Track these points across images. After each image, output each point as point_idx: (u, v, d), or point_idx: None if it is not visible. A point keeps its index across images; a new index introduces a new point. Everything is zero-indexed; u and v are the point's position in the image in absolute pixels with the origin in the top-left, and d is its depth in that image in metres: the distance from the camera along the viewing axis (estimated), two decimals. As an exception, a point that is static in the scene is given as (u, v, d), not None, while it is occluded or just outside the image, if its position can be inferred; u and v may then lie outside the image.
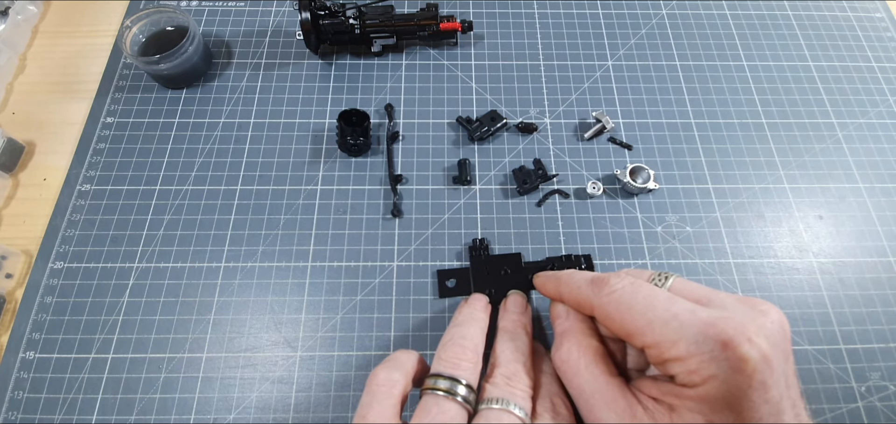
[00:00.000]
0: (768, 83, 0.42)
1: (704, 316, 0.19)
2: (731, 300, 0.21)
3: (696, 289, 0.22)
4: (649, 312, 0.20)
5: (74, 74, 0.42)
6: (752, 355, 0.18)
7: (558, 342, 0.24)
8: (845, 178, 0.38)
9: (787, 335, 0.20)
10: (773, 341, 0.19)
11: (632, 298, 0.21)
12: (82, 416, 0.30)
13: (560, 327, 0.25)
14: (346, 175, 0.37)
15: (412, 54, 0.42)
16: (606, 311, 0.22)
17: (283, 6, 0.45)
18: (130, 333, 0.32)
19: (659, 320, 0.20)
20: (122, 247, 0.34)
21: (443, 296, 0.33)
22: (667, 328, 0.20)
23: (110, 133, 0.38)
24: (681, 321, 0.20)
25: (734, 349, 0.18)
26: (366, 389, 0.23)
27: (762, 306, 0.20)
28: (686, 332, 0.19)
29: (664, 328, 0.20)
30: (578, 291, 0.24)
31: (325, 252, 0.34)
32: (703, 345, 0.19)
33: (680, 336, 0.19)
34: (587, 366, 0.22)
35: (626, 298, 0.21)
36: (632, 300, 0.21)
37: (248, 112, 0.39)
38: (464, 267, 0.34)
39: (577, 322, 0.24)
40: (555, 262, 0.33)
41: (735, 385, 0.18)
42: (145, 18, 0.40)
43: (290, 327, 0.32)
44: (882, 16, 0.46)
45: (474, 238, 0.34)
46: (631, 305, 0.21)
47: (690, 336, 0.19)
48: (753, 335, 0.19)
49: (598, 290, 0.22)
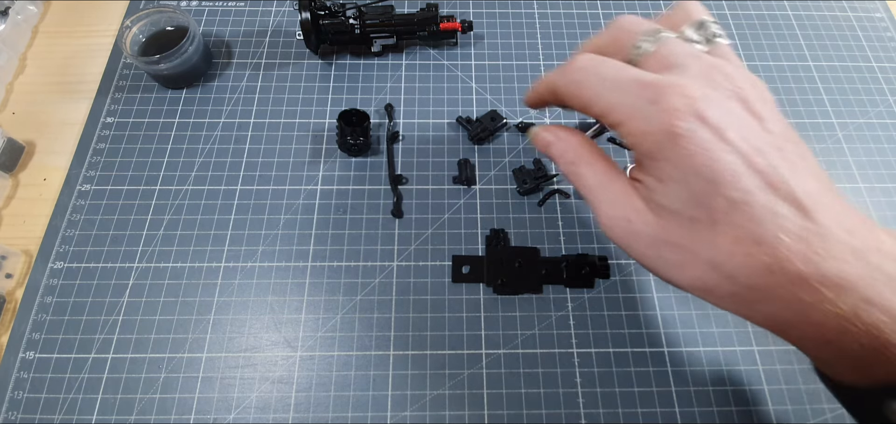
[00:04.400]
0: (768, 83, 0.41)
1: (647, 79, 0.20)
2: (698, 66, 0.20)
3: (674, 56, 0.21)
4: (596, 85, 0.21)
5: (74, 74, 0.42)
6: (675, 104, 0.18)
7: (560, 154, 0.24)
8: (845, 178, 0.38)
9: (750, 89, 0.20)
10: (714, 96, 0.19)
11: (587, 72, 0.22)
12: (82, 416, 0.30)
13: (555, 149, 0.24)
14: (346, 175, 0.37)
15: (412, 54, 0.42)
16: (567, 90, 0.22)
17: (283, 6, 0.45)
18: (130, 333, 0.32)
19: (605, 89, 0.21)
20: (122, 247, 0.34)
21: (456, 281, 0.33)
22: (611, 95, 0.20)
23: (110, 133, 0.38)
24: (622, 87, 0.20)
25: (661, 102, 0.19)
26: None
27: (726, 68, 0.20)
28: (625, 96, 0.20)
29: (609, 96, 0.20)
30: (548, 80, 0.24)
31: (325, 252, 0.34)
32: (637, 105, 0.19)
33: (619, 100, 0.20)
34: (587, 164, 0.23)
35: (581, 73, 0.22)
36: (586, 75, 0.22)
37: (248, 112, 0.39)
38: (479, 256, 0.34)
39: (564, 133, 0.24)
40: (569, 259, 0.33)
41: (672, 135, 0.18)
42: (145, 18, 0.40)
43: (290, 327, 0.32)
44: (882, 16, 0.46)
45: (493, 228, 0.35)
46: (585, 79, 0.22)
47: (628, 100, 0.20)
48: (686, 89, 0.19)
49: (562, 72, 0.23)
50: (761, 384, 0.31)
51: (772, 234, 0.17)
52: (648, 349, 0.32)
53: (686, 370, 0.31)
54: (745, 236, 0.18)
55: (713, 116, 0.18)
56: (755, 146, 0.18)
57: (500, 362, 0.31)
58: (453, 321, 0.32)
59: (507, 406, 0.30)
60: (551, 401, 0.30)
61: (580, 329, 0.32)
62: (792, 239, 0.17)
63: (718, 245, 0.18)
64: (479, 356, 0.31)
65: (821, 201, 0.18)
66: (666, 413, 0.30)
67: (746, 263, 0.18)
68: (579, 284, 0.33)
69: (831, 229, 0.17)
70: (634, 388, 0.31)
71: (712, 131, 0.18)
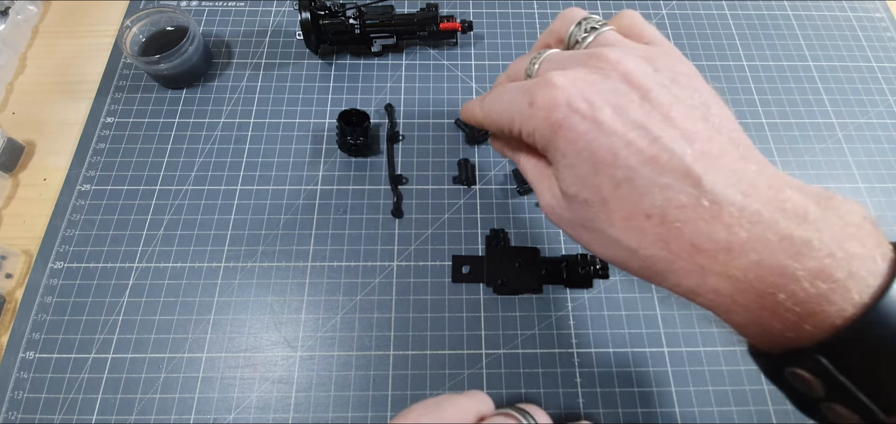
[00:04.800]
0: (768, 83, 0.42)
1: (526, 85, 0.21)
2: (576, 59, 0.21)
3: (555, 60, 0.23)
4: (498, 106, 0.23)
5: (74, 74, 0.42)
6: (546, 100, 0.20)
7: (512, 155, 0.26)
8: (845, 178, 0.38)
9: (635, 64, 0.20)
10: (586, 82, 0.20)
11: (491, 101, 0.24)
12: (82, 416, 0.30)
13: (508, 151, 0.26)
14: (346, 175, 0.37)
15: (412, 54, 0.42)
16: (485, 122, 0.25)
17: (283, 6, 0.45)
18: (130, 333, 0.32)
19: (504, 108, 0.23)
20: (122, 247, 0.34)
21: (456, 281, 0.33)
22: (507, 112, 0.22)
23: (110, 133, 0.38)
24: (512, 101, 0.22)
25: (535, 102, 0.20)
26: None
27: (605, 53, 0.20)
28: (513, 106, 0.22)
29: (507, 113, 0.22)
30: (472, 113, 0.26)
31: (325, 252, 0.34)
32: (522, 111, 0.21)
33: (511, 112, 0.22)
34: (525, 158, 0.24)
35: (488, 103, 0.24)
36: (491, 103, 0.24)
37: (248, 112, 0.39)
38: (479, 256, 0.34)
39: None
40: (569, 260, 0.33)
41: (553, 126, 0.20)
42: (145, 18, 0.40)
43: (290, 327, 0.32)
44: (882, 16, 0.46)
45: (493, 228, 0.35)
46: (491, 107, 0.24)
47: (516, 108, 0.22)
48: (552, 81, 0.20)
49: (480, 104, 0.25)
50: (761, 383, 0.31)
51: (658, 206, 0.18)
52: (648, 349, 0.32)
53: (686, 370, 0.31)
54: (634, 211, 0.18)
55: (585, 102, 0.19)
56: (634, 121, 0.19)
57: (500, 362, 0.31)
58: (453, 321, 0.32)
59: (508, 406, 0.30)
60: (551, 401, 0.30)
61: (580, 329, 0.32)
62: (679, 208, 0.17)
63: (614, 223, 0.19)
64: (479, 356, 0.31)
65: (714, 164, 0.18)
66: (666, 414, 0.30)
67: (641, 237, 0.18)
68: (579, 284, 0.33)
69: (722, 192, 0.17)
70: (634, 388, 0.31)
71: (585, 116, 0.19)
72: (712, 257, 0.17)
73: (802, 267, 0.16)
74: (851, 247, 0.16)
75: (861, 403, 0.16)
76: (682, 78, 0.20)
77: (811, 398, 0.17)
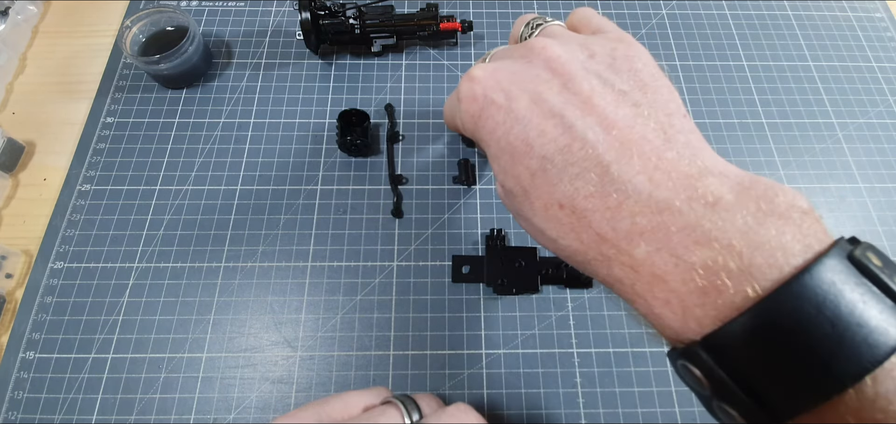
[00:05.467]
0: (768, 83, 0.42)
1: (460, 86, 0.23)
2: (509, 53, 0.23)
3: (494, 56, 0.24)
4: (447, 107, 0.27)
5: (74, 74, 0.42)
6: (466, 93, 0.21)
7: None
8: (845, 178, 0.38)
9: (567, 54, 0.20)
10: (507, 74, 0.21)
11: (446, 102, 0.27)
12: (82, 416, 0.30)
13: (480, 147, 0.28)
14: (346, 175, 0.37)
15: (412, 54, 0.42)
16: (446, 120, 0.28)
17: (283, 6, 0.45)
18: (130, 333, 0.32)
19: (448, 108, 0.26)
20: (122, 247, 0.34)
21: (456, 281, 0.33)
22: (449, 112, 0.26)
23: (110, 133, 0.38)
24: (450, 101, 0.25)
25: (460, 96, 0.22)
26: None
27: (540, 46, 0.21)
28: (450, 106, 0.25)
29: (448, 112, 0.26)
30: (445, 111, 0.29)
31: (325, 252, 0.34)
32: (455, 107, 0.23)
33: (451, 111, 0.25)
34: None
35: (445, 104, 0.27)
36: (446, 104, 0.27)
37: (248, 112, 0.39)
38: (479, 256, 0.34)
39: None
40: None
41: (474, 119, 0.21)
42: (145, 18, 0.40)
43: (290, 327, 0.32)
44: (882, 16, 0.46)
45: (492, 228, 0.35)
46: (445, 107, 0.27)
47: (452, 106, 0.24)
48: (472, 75, 0.21)
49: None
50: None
51: (569, 195, 0.18)
52: (648, 350, 0.32)
53: (686, 370, 0.31)
54: (549, 200, 0.18)
55: (501, 92, 0.20)
56: (551, 109, 0.19)
57: (500, 362, 0.31)
58: (453, 321, 0.32)
59: (507, 406, 0.30)
60: (551, 401, 0.30)
61: (580, 329, 0.32)
62: (586, 198, 0.17)
63: (536, 212, 0.19)
64: (479, 356, 0.31)
65: (627, 152, 0.17)
66: (666, 413, 0.30)
67: (557, 226, 0.18)
68: (579, 284, 0.33)
69: (630, 182, 0.17)
70: (634, 388, 0.31)
71: (500, 107, 0.20)
72: (616, 247, 0.17)
73: (698, 257, 0.15)
74: (762, 236, 0.15)
75: (742, 401, 0.14)
76: (620, 61, 0.20)
77: (703, 395, 0.16)
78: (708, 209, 0.16)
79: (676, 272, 0.15)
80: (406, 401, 0.21)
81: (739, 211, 0.15)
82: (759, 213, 0.15)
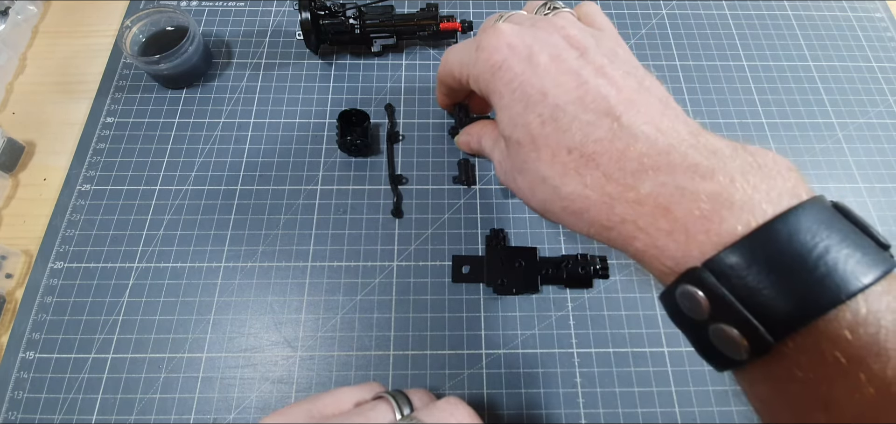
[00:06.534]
0: (768, 83, 0.42)
1: (477, 37, 0.24)
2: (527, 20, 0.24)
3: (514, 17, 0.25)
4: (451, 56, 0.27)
5: (74, 74, 0.42)
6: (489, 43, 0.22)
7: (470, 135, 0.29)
8: (845, 178, 0.38)
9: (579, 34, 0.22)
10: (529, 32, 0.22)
11: (446, 54, 0.28)
12: (82, 416, 0.30)
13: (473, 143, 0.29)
14: (346, 175, 0.37)
15: (412, 54, 0.42)
16: (441, 74, 0.29)
17: (283, 6, 0.45)
18: (130, 333, 0.32)
19: (456, 58, 0.26)
20: (122, 247, 0.34)
21: (456, 281, 0.33)
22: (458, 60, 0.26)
23: (110, 133, 0.38)
24: (463, 50, 0.25)
25: (480, 45, 0.23)
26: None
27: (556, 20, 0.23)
28: (463, 54, 0.25)
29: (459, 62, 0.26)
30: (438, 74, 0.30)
31: (325, 252, 0.34)
32: (470, 55, 0.24)
33: (461, 60, 0.25)
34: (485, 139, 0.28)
35: (444, 56, 0.28)
36: (445, 55, 0.28)
37: (248, 112, 0.39)
38: (479, 256, 0.34)
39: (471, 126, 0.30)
40: (570, 260, 0.33)
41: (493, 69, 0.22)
42: (145, 18, 0.40)
43: (290, 327, 0.32)
44: (882, 16, 0.46)
45: (492, 228, 0.35)
46: (446, 58, 0.28)
47: (465, 56, 0.25)
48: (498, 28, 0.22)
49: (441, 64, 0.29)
50: (761, 384, 0.31)
51: (578, 141, 0.19)
52: (648, 349, 0.32)
53: (686, 370, 0.31)
54: (557, 146, 0.20)
55: (524, 46, 0.22)
56: (569, 67, 0.21)
57: (500, 362, 0.31)
58: (453, 321, 0.32)
59: (507, 406, 0.30)
60: (551, 401, 0.30)
61: (580, 329, 0.32)
62: (596, 142, 0.19)
63: (542, 160, 0.20)
64: (479, 356, 0.31)
65: (635, 108, 0.19)
66: (666, 413, 0.30)
67: (563, 171, 0.20)
68: (579, 284, 0.33)
69: (638, 129, 0.19)
70: (634, 388, 0.31)
71: (521, 57, 0.21)
72: (621, 185, 0.18)
73: (702, 188, 0.17)
74: (755, 180, 0.17)
75: (744, 319, 0.15)
76: (620, 59, 0.22)
77: (698, 321, 0.17)
78: (709, 155, 0.18)
79: (683, 201, 0.17)
80: (397, 396, 0.21)
81: (735, 159, 0.17)
82: (754, 164, 0.17)
